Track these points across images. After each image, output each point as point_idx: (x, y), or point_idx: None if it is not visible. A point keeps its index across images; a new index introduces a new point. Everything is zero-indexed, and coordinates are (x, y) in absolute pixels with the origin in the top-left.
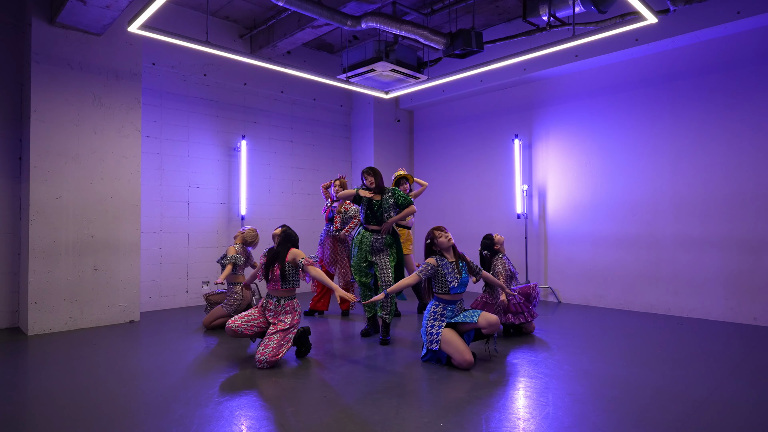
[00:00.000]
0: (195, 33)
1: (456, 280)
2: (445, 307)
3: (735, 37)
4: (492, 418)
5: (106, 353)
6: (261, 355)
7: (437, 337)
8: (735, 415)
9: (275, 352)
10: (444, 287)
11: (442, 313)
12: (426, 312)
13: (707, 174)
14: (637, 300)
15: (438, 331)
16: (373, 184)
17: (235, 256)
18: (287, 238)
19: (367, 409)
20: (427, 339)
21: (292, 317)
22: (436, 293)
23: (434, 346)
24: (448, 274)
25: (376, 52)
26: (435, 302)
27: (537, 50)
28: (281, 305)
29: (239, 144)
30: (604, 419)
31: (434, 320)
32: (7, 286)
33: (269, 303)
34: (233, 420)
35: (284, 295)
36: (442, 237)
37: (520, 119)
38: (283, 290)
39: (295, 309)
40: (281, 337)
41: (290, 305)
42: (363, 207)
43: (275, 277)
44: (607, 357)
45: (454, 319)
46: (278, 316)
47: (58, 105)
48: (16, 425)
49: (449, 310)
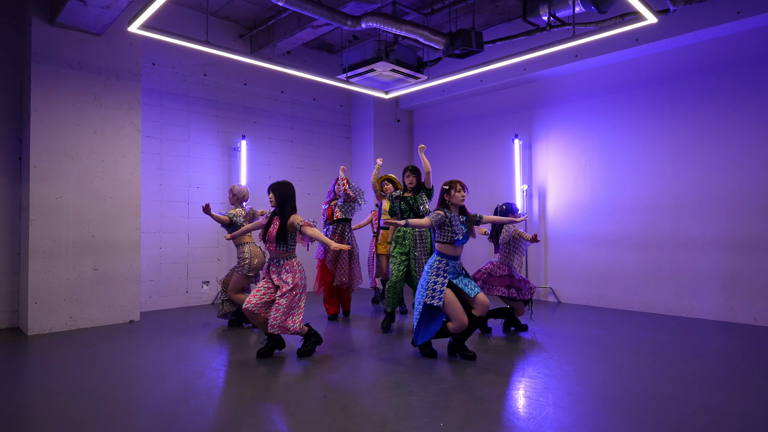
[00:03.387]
0: (195, 33)
1: (461, 233)
2: (447, 262)
3: (735, 37)
4: (492, 419)
5: (106, 353)
6: (273, 320)
7: (441, 294)
8: (735, 415)
9: (286, 317)
10: (449, 237)
11: (444, 269)
12: (427, 267)
13: (707, 174)
14: (637, 300)
15: (442, 288)
16: (413, 184)
17: (232, 213)
18: (283, 199)
19: (367, 409)
20: (428, 294)
21: (293, 276)
22: (438, 244)
23: (436, 302)
24: (455, 226)
25: (376, 52)
26: (437, 257)
27: (537, 50)
28: (281, 265)
29: (239, 144)
30: (604, 419)
31: (437, 275)
32: (7, 286)
33: (271, 265)
34: (233, 420)
35: (282, 256)
36: (459, 194)
37: (520, 119)
38: (277, 251)
39: (294, 268)
40: (289, 300)
41: (290, 264)
42: (398, 205)
43: (270, 238)
44: (607, 357)
45: (456, 280)
46: (281, 276)
47: (58, 105)
48: (16, 425)
49: (451, 266)
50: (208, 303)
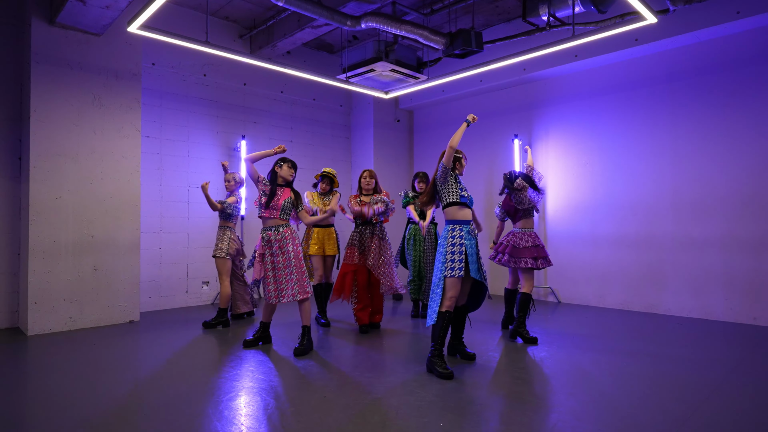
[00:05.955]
0: (195, 33)
1: (466, 191)
2: (461, 228)
3: (735, 37)
4: (492, 419)
5: (106, 353)
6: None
7: (460, 263)
8: (735, 415)
9: (303, 290)
10: (455, 195)
11: (460, 236)
12: (441, 240)
13: (707, 174)
14: (637, 300)
15: (460, 258)
16: (423, 189)
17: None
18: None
19: (367, 409)
20: (447, 267)
21: (293, 242)
22: (446, 210)
23: (457, 273)
24: (460, 183)
25: (375, 52)
26: (448, 227)
27: (537, 50)
28: (281, 233)
29: (239, 144)
30: (604, 419)
31: (453, 246)
32: (7, 286)
33: (269, 234)
34: (233, 420)
35: (281, 224)
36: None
37: (520, 119)
38: (280, 219)
39: (293, 235)
40: (298, 272)
41: (289, 231)
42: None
43: (277, 206)
44: (607, 357)
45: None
46: (281, 245)
47: (57, 105)
48: (16, 425)
49: (465, 231)
50: (207, 303)
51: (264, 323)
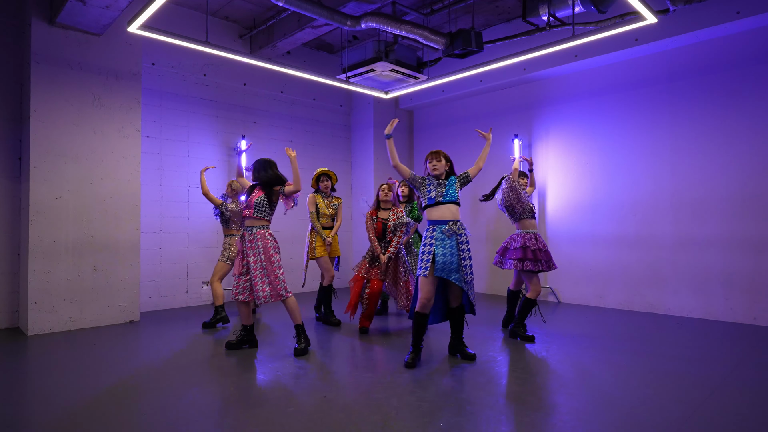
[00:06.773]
0: (195, 33)
1: (434, 192)
2: (434, 228)
3: (734, 37)
4: (492, 419)
5: (106, 353)
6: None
7: (427, 263)
8: (735, 415)
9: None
10: (425, 198)
11: (431, 236)
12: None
13: (707, 174)
14: (637, 300)
15: (428, 258)
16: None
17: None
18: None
19: (367, 409)
20: (419, 266)
21: (264, 244)
22: (424, 209)
23: (422, 273)
24: (429, 184)
25: (375, 52)
26: (428, 227)
27: (537, 50)
28: (253, 234)
29: (239, 144)
30: (604, 419)
31: (424, 246)
32: (7, 286)
33: (244, 234)
34: (234, 420)
35: (256, 224)
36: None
37: (520, 119)
38: (255, 218)
39: (266, 237)
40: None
41: (261, 234)
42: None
43: (251, 205)
44: (607, 357)
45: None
46: (252, 246)
47: (57, 105)
48: (16, 425)
49: (438, 231)
50: (207, 303)
51: (245, 326)
